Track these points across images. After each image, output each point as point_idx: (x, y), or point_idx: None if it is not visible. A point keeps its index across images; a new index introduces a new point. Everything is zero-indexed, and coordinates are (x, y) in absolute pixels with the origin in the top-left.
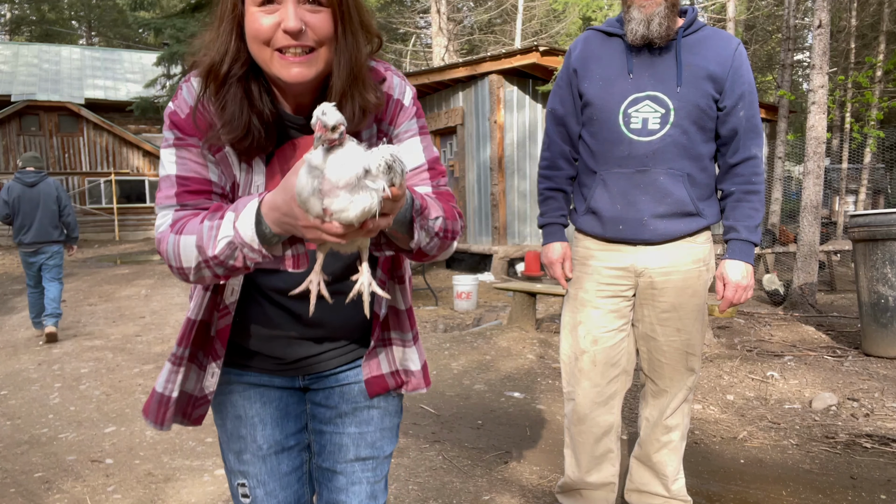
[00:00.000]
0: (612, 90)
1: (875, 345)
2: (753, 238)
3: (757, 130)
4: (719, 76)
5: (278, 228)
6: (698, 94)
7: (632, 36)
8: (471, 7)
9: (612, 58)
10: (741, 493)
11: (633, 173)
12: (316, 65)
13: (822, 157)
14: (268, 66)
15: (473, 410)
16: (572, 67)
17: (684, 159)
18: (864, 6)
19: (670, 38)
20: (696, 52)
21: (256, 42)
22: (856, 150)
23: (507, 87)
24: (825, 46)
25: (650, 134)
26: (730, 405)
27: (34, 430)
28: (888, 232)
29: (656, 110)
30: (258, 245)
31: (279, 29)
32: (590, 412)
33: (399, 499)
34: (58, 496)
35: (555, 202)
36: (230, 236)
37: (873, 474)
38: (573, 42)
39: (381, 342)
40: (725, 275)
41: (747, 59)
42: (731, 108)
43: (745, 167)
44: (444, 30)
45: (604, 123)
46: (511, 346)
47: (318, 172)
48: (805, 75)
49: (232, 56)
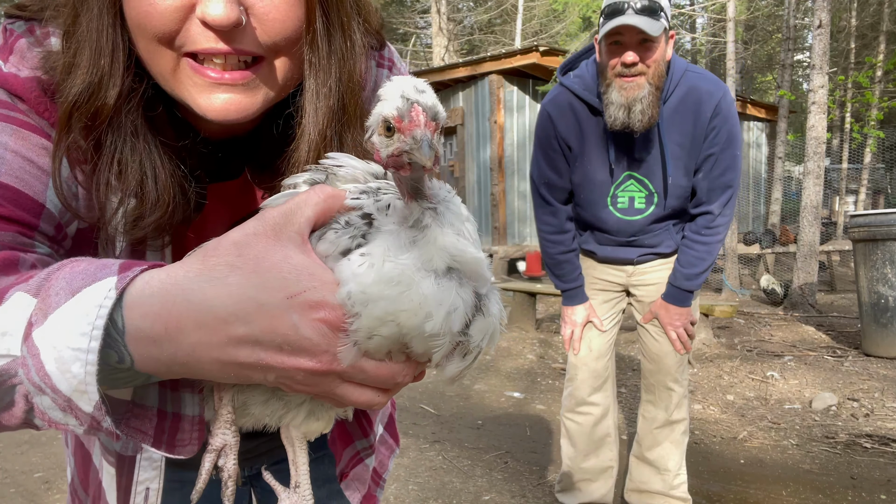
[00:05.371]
0: (597, 177)
1: (875, 345)
2: (687, 286)
3: (724, 187)
4: (697, 143)
5: (171, 362)
6: (681, 173)
7: (610, 121)
8: (471, 7)
9: (597, 137)
10: (741, 493)
11: (622, 241)
12: (262, 90)
13: (822, 157)
14: (169, 83)
15: (473, 410)
16: (563, 139)
17: (669, 220)
18: (864, 6)
19: (652, 125)
20: (675, 123)
21: (146, 37)
22: (856, 150)
23: (508, 87)
24: (825, 46)
25: (637, 213)
26: (730, 405)
27: (34, 430)
28: (888, 232)
29: (641, 190)
30: (89, 393)
31: (192, 15)
32: (588, 396)
33: (399, 499)
34: (58, 496)
35: (570, 265)
36: (6, 352)
37: (873, 474)
38: (554, 103)
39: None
40: (660, 317)
41: (730, 107)
42: (699, 168)
43: (702, 219)
44: (444, 30)
45: (593, 203)
46: (511, 346)
47: (448, 262)
48: (805, 75)
49: (121, 73)
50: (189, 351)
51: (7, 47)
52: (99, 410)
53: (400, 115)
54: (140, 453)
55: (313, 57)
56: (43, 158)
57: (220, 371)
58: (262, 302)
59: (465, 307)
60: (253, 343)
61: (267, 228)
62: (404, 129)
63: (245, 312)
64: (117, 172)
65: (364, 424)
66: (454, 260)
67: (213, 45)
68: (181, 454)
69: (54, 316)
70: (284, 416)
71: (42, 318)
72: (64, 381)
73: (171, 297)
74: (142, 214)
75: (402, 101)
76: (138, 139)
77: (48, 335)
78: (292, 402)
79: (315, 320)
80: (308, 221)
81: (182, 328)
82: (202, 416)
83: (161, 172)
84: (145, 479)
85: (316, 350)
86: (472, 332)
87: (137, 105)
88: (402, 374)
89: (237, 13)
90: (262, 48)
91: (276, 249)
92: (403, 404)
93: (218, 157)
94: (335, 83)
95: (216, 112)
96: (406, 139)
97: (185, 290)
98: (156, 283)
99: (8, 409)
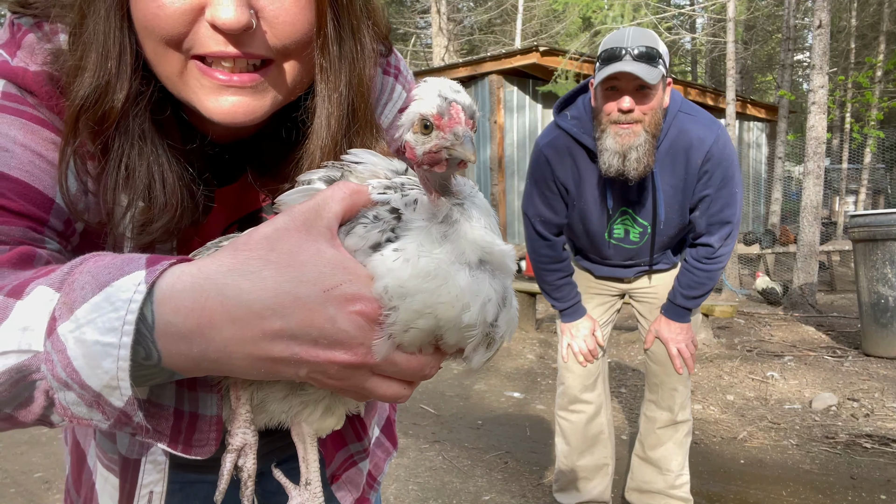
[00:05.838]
0: (594, 215)
1: (875, 345)
2: (688, 304)
3: (722, 223)
4: (690, 185)
5: (201, 358)
6: (675, 211)
7: (605, 168)
8: (471, 7)
9: (595, 179)
10: (741, 493)
11: (618, 263)
12: (270, 93)
13: (822, 157)
14: (175, 86)
15: (473, 410)
16: (561, 182)
17: (665, 247)
18: (864, 6)
19: (647, 174)
20: (667, 165)
21: (153, 39)
22: (856, 151)
23: (508, 87)
24: (825, 46)
25: (632, 243)
26: (730, 405)
27: (34, 430)
28: (888, 232)
29: (635, 226)
30: (122, 389)
31: (201, 17)
32: (580, 394)
33: (399, 499)
34: (57, 496)
35: (569, 287)
36: (28, 348)
37: (873, 474)
38: (552, 147)
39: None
40: (660, 333)
41: (723, 150)
42: (695, 206)
43: (703, 250)
44: (444, 30)
45: (590, 234)
46: (511, 346)
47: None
48: (805, 75)
49: (128, 76)
50: (221, 347)
51: (15, 42)
52: (132, 406)
53: (440, 112)
54: (145, 456)
55: (324, 60)
56: (52, 153)
57: (251, 367)
58: (299, 295)
59: (497, 298)
60: (289, 337)
61: (297, 223)
62: (444, 127)
63: (282, 306)
64: (125, 177)
65: (358, 428)
66: (485, 252)
67: (222, 48)
68: (199, 455)
69: (81, 310)
70: (301, 413)
71: (67, 313)
72: (94, 376)
73: (204, 292)
74: (150, 219)
75: (441, 99)
76: (146, 143)
77: (75, 330)
78: (311, 398)
79: (352, 313)
80: (336, 216)
81: (215, 323)
82: (220, 415)
83: (169, 176)
84: (149, 482)
85: (352, 343)
86: (499, 323)
87: (145, 108)
88: (430, 365)
89: (247, 17)
90: (272, 52)
91: (309, 244)
92: (403, 405)
93: (224, 159)
94: (346, 87)
95: (223, 115)
96: (447, 136)
97: (218, 284)
98: (187, 277)
99: (26, 406)
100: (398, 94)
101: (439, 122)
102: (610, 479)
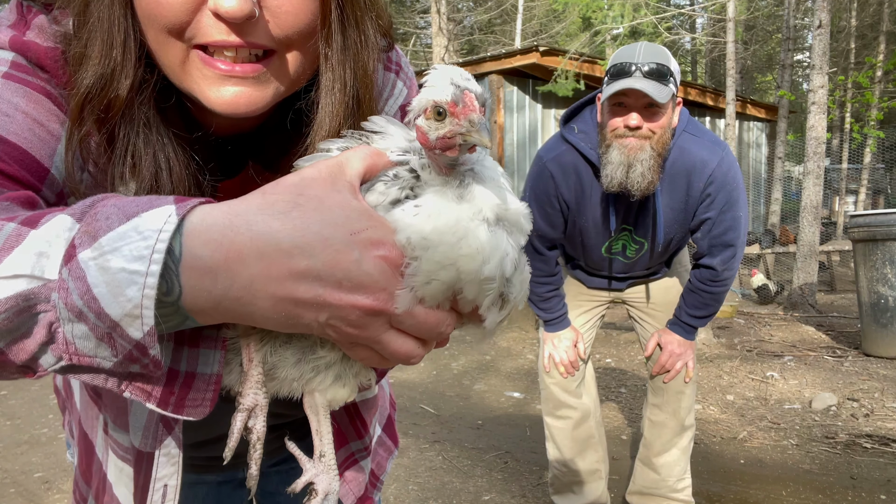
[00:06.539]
0: (593, 232)
1: (875, 345)
2: (695, 323)
3: (725, 245)
4: (691, 207)
5: (223, 296)
6: (674, 232)
7: (607, 182)
8: (471, 7)
9: (598, 196)
10: (741, 494)
11: (612, 276)
12: (273, 84)
13: (822, 157)
14: (177, 75)
15: (473, 410)
16: (564, 199)
17: (661, 263)
18: (864, 6)
19: (650, 192)
20: (668, 185)
21: (155, 28)
22: (856, 151)
23: (507, 87)
24: (825, 46)
25: (628, 258)
26: (730, 405)
27: (34, 430)
28: (888, 232)
29: (632, 243)
30: (144, 318)
31: (203, 6)
32: (565, 398)
33: (399, 499)
34: (58, 496)
35: (557, 299)
36: (41, 274)
37: (873, 474)
38: (557, 163)
39: (345, 466)
40: (662, 341)
41: (727, 173)
42: (697, 228)
43: (707, 272)
44: (444, 30)
45: (587, 248)
46: (511, 346)
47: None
48: (805, 75)
49: (132, 64)
50: (246, 284)
51: (25, 22)
52: (151, 336)
53: (455, 100)
54: (158, 450)
55: (329, 51)
56: (54, 125)
57: (273, 309)
58: (326, 236)
59: (514, 254)
60: (314, 278)
61: (324, 174)
62: (458, 114)
63: (309, 245)
64: (131, 165)
65: (359, 426)
66: (501, 209)
67: (224, 37)
68: (191, 415)
69: (106, 238)
70: (312, 380)
71: (90, 241)
72: (116, 304)
73: (234, 227)
74: None
75: (454, 87)
76: (151, 131)
77: (98, 257)
78: (322, 362)
79: (377, 257)
80: (358, 174)
81: (243, 258)
82: (220, 374)
83: (175, 164)
84: (163, 475)
85: (375, 287)
86: (514, 282)
87: (150, 96)
88: (447, 322)
89: (251, 6)
90: (275, 42)
91: (334, 193)
92: (403, 404)
93: (227, 150)
94: (350, 77)
95: (225, 105)
96: (461, 122)
97: (248, 220)
98: (217, 213)
99: (21, 341)
100: (399, 90)
101: (453, 109)
102: (605, 483)
